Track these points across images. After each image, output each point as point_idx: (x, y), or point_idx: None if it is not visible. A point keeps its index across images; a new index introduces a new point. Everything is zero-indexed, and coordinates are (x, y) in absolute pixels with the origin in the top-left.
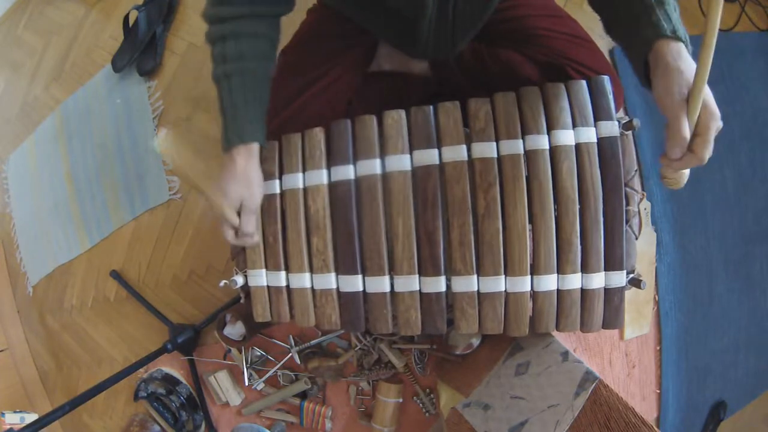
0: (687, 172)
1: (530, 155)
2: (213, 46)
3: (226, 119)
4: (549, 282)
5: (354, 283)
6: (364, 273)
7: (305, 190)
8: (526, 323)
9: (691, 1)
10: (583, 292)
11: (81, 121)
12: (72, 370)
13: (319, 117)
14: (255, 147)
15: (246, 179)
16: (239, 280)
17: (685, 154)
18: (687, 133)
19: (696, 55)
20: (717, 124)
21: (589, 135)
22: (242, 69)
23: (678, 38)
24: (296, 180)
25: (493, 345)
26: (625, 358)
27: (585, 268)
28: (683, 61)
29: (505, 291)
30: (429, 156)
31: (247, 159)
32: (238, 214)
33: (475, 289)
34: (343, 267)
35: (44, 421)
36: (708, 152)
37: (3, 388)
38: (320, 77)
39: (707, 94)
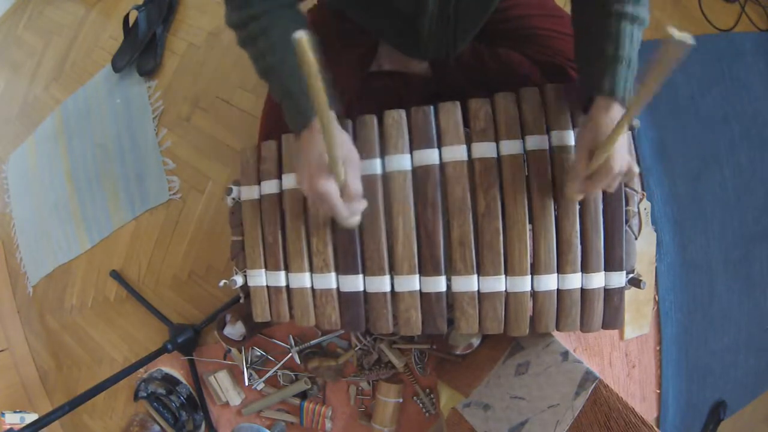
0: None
1: (530, 155)
2: (247, 48)
3: (288, 108)
4: (549, 282)
5: (354, 282)
6: (365, 273)
7: None
8: (526, 323)
9: (692, 1)
10: (583, 292)
11: (81, 121)
12: (72, 370)
13: None
14: (332, 114)
15: (340, 138)
16: (239, 280)
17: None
18: (581, 173)
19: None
20: (611, 177)
21: None
22: (282, 59)
23: (614, 97)
24: (296, 179)
25: (493, 345)
26: (625, 358)
27: (585, 268)
28: (604, 119)
29: (506, 291)
30: (429, 156)
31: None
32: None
33: (476, 288)
34: (343, 267)
35: (44, 421)
36: (594, 191)
37: (3, 388)
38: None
39: (616, 151)
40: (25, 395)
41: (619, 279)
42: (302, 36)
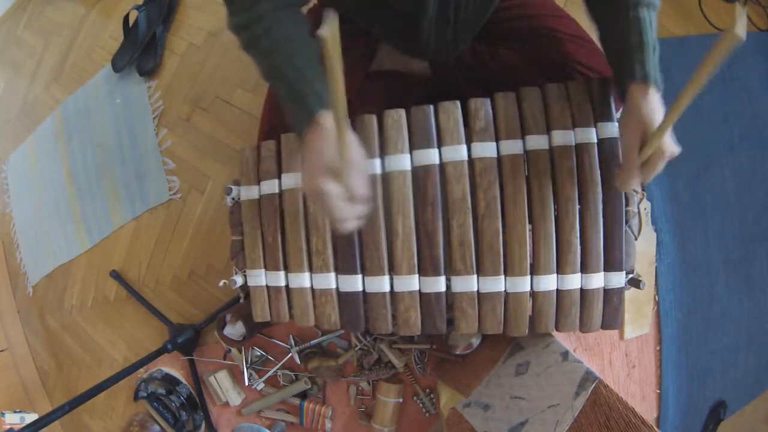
0: (636, 183)
1: (530, 155)
2: (250, 51)
3: (292, 107)
4: (549, 282)
5: (353, 282)
6: (364, 273)
7: None
8: (525, 323)
9: (692, 1)
10: (583, 292)
11: (81, 121)
12: (72, 370)
13: None
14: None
15: (349, 140)
16: (238, 279)
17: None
18: (636, 164)
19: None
20: (666, 159)
21: (589, 136)
22: (286, 58)
23: (647, 83)
24: (296, 179)
25: (493, 345)
26: (625, 358)
27: (584, 269)
28: (644, 107)
29: (505, 291)
30: (429, 156)
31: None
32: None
33: (475, 289)
34: (343, 267)
35: (44, 421)
36: (651, 176)
37: (3, 388)
38: None
39: (666, 135)
40: (25, 395)
41: (618, 279)
42: (328, 33)
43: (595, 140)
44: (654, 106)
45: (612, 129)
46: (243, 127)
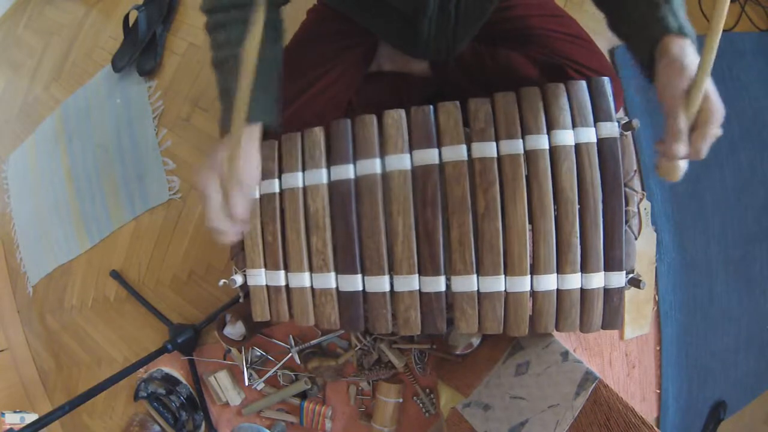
0: (683, 164)
1: (530, 155)
2: (209, 35)
3: (222, 105)
4: (549, 282)
5: (353, 282)
6: (364, 272)
7: (305, 189)
8: (525, 323)
9: (692, 1)
10: (583, 292)
11: (81, 121)
12: (72, 370)
13: (319, 117)
14: (254, 128)
15: (244, 155)
16: (238, 279)
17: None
18: (683, 126)
19: (700, 51)
20: (717, 118)
21: (589, 135)
22: (232, 56)
23: (684, 34)
24: (296, 179)
25: (493, 345)
26: (625, 358)
27: (584, 269)
28: (686, 57)
29: (505, 291)
30: (429, 156)
31: (247, 139)
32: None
33: (475, 288)
34: (343, 266)
35: (44, 421)
36: (704, 145)
37: (3, 388)
38: (320, 77)
39: (710, 90)
40: (25, 395)
41: (618, 279)
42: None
43: (595, 140)
44: (691, 55)
45: (612, 129)
46: None
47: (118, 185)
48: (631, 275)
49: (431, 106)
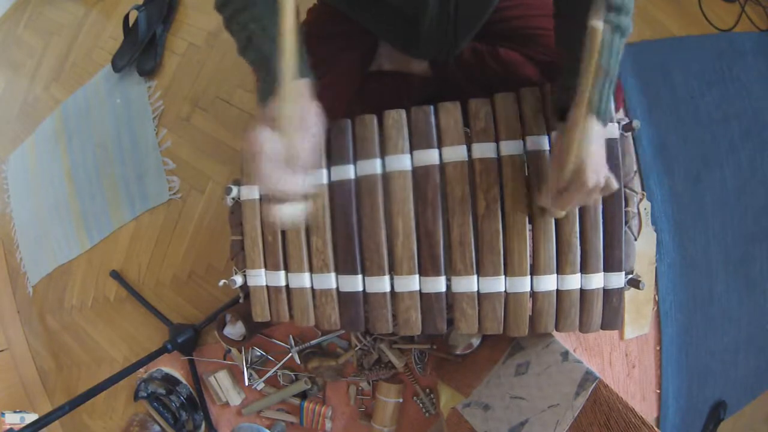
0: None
1: (530, 155)
2: (230, 26)
3: (262, 75)
4: (548, 282)
5: (354, 283)
6: (364, 273)
7: None
8: (525, 323)
9: (692, 1)
10: (583, 292)
11: (81, 121)
12: (72, 370)
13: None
14: (304, 84)
15: (303, 105)
16: (238, 279)
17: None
18: (553, 187)
19: None
20: (584, 191)
21: None
22: (264, 26)
23: (590, 109)
24: None
25: (493, 345)
26: (625, 358)
27: (584, 269)
28: (581, 132)
29: (505, 291)
30: (429, 156)
31: (301, 93)
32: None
33: (475, 289)
34: (343, 267)
35: (44, 421)
36: (568, 206)
37: (3, 388)
38: (320, 77)
39: (589, 160)
40: (25, 395)
41: (618, 280)
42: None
43: None
44: (590, 134)
45: (612, 129)
46: (243, 127)
47: (118, 185)
48: (630, 276)
49: (431, 106)
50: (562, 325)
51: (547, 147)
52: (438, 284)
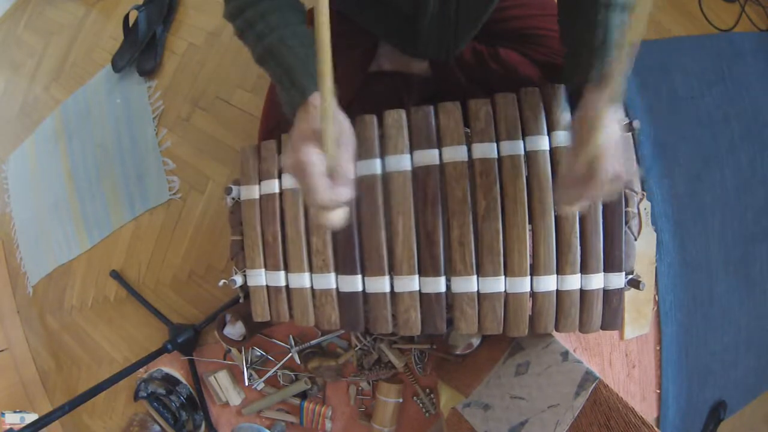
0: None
1: (530, 156)
2: (244, 36)
3: (285, 87)
4: (548, 283)
5: (353, 283)
6: (364, 273)
7: None
8: (525, 323)
9: (692, 1)
10: (583, 293)
11: (81, 121)
12: (72, 370)
13: None
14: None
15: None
16: (238, 279)
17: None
18: (566, 176)
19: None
20: (598, 180)
21: None
22: (281, 36)
23: (605, 85)
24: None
25: (493, 345)
26: (625, 358)
27: (584, 269)
28: (597, 110)
29: (505, 291)
30: (429, 156)
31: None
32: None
33: (475, 289)
34: (343, 267)
35: (44, 421)
36: (583, 199)
37: (3, 388)
38: None
39: (605, 149)
40: (25, 395)
41: (618, 280)
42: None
43: None
44: (611, 122)
45: None
46: (243, 127)
47: (118, 185)
48: (630, 276)
49: (431, 107)
50: (562, 325)
51: (547, 147)
52: (438, 284)
